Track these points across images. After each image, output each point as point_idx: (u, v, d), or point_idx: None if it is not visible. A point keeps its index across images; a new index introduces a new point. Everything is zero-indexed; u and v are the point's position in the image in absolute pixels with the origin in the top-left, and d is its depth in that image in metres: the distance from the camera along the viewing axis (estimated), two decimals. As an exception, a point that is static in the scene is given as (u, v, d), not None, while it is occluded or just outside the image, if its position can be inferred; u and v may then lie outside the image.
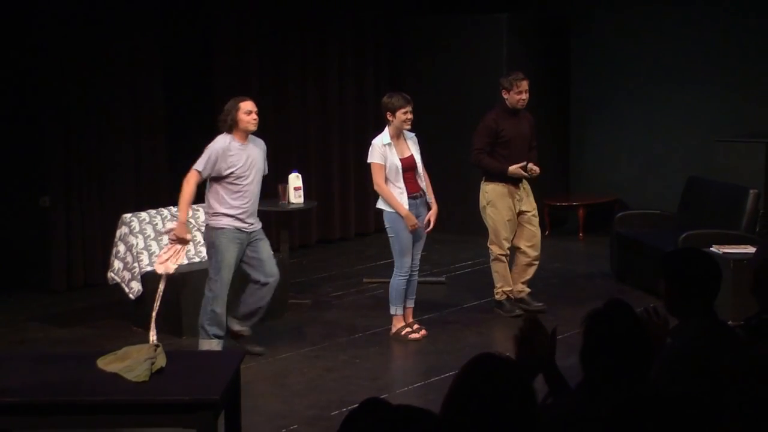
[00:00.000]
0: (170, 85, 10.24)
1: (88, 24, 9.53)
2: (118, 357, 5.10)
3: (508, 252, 8.34)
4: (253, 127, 7.23)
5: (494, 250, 8.33)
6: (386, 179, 7.58)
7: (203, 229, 8.47)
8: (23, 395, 4.75)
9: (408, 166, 7.64)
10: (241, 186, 7.19)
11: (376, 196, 7.82)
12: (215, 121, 10.74)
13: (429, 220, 7.69)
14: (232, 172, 7.16)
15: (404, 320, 7.90)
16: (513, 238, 8.34)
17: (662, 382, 3.55)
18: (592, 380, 3.33)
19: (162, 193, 10.05)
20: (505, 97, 8.25)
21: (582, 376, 3.36)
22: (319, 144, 11.47)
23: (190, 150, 10.66)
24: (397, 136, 7.66)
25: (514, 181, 8.22)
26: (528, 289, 8.46)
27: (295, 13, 11.17)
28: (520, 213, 8.30)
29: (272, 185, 8.96)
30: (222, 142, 7.21)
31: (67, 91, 9.43)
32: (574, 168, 12.53)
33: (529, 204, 8.34)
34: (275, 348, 7.66)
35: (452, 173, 10.95)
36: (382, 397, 3.18)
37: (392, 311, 7.85)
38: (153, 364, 4.98)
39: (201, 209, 8.62)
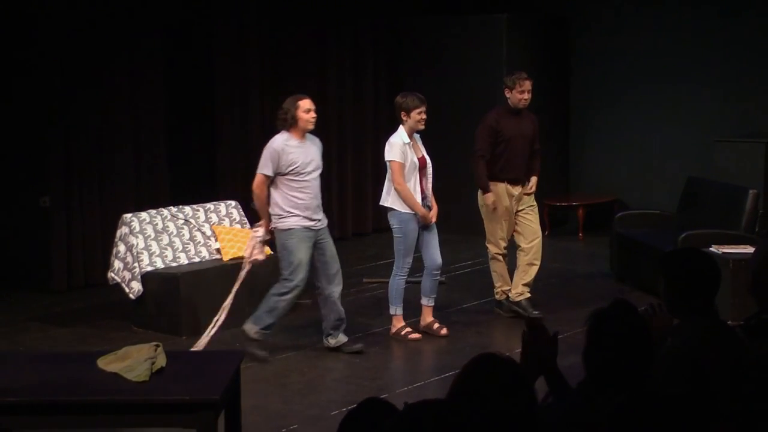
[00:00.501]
0: (170, 85, 10.24)
1: (89, 25, 9.53)
2: (119, 357, 5.11)
3: (506, 251, 8.31)
4: (311, 126, 7.34)
5: (491, 249, 8.32)
6: None
7: (204, 228, 8.50)
8: (24, 395, 4.75)
9: (421, 166, 7.66)
10: (302, 182, 7.26)
11: (374, 196, 7.82)
12: (215, 121, 10.83)
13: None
14: (292, 169, 7.22)
15: (424, 319, 7.91)
16: (512, 237, 8.32)
17: (662, 382, 3.56)
18: (593, 379, 3.33)
19: (162, 193, 10.06)
20: (508, 96, 8.21)
21: (583, 376, 3.37)
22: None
23: (190, 150, 10.73)
24: (410, 136, 7.65)
25: (513, 180, 8.19)
26: (528, 294, 8.32)
27: (294, 15, 11.18)
28: (518, 211, 8.26)
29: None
30: (280, 140, 7.32)
31: (67, 91, 9.44)
32: (574, 168, 12.54)
33: (528, 202, 8.28)
34: (275, 348, 7.66)
35: (452, 173, 10.95)
36: (382, 396, 3.18)
37: (392, 311, 7.86)
38: (153, 364, 4.99)
39: (201, 209, 8.63)
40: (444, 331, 7.87)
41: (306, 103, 7.32)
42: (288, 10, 11.11)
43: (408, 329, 7.84)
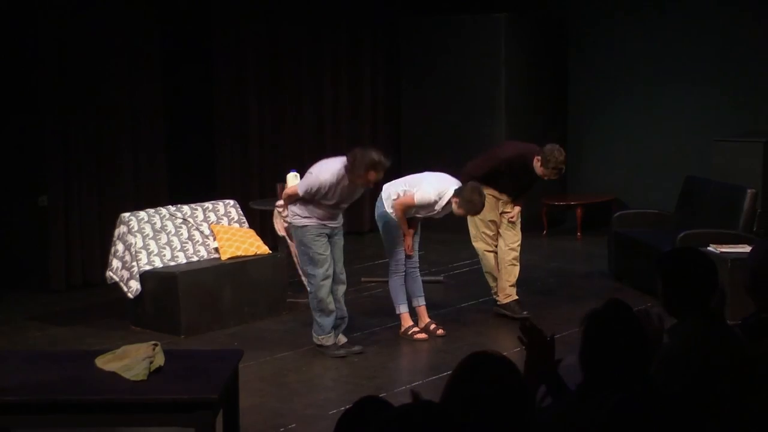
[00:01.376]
0: (169, 84, 10.25)
1: (88, 24, 9.53)
2: (117, 356, 5.11)
3: (494, 248, 8.28)
4: (367, 186, 7.37)
5: (479, 246, 8.28)
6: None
7: (202, 227, 8.50)
8: (22, 394, 4.75)
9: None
10: (328, 203, 7.30)
11: (371, 195, 7.82)
12: (214, 121, 10.83)
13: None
14: (326, 195, 7.25)
15: (421, 320, 7.91)
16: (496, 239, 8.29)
17: (660, 381, 3.56)
18: (591, 380, 3.33)
19: (160, 192, 10.06)
20: (536, 165, 7.96)
21: (582, 377, 3.37)
22: (316, 144, 11.47)
23: (188, 149, 10.73)
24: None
25: (501, 191, 8.22)
26: (515, 296, 8.29)
27: (292, 15, 11.18)
28: (502, 213, 8.24)
29: (271, 185, 8.97)
30: (331, 176, 7.20)
31: (65, 90, 9.44)
32: (572, 167, 12.50)
33: (510, 207, 8.27)
34: (273, 347, 7.67)
35: (451, 173, 10.94)
36: (380, 396, 3.19)
37: (397, 310, 7.85)
38: (151, 363, 4.99)
39: (199, 208, 8.64)
40: (440, 331, 7.87)
41: (372, 176, 7.14)
42: (286, 10, 11.11)
43: (415, 329, 7.84)
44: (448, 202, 7.56)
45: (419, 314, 7.91)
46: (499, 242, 8.29)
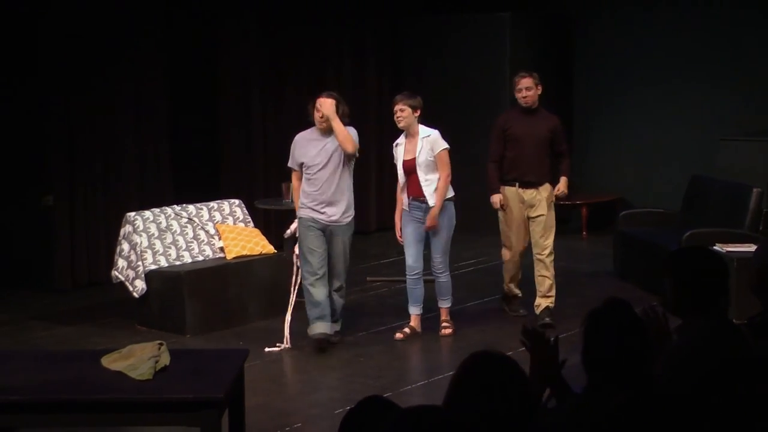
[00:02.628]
0: (174, 84, 10.25)
1: (92, 24, 9.54)
2: (123, 355, 5.11)
3: (517, 258, 8.17)
4: (319, 125, 7.52)
5: (503, 254, 8.28)
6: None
7: (207, 226, 8.50)
8: (28, 393, 4.76)
9: (409, 169, 7.60)
10: (311, 176, 7.50)
11: (377, 194, 7.81)
12: (218, 120, 10.84)
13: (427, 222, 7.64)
14: (302, 163, 7.54)
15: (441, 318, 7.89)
16: (527, 244, 8.18)
17: (667, 381, 3.55)
18: (594, 380, 3.33)
19: (166, 191, 10.06)
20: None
21: (587, 378, 3.36)
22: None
23: (193, 149, 10.74)
24: (409, 135, 7.63)
25: (523, 182, 8.04)
26: (547, 304, 8.15)
27: (297, 15, 11.18)
28: (530, 219, 8.13)
29: (276, 184, 8.97)
30: (300, 134, 7.67)
31: (71, 89, 9.45)
32: (577, 166, 12.51)
33: (539, 210, 8.11)
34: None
35: (455, 172, 10.93)
36: (385, 395, 3.18)
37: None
38: (157, 362, 5.00)
39: (204, 208, 8.64)
40: (445, 331, 7.84)
41: (317, 103, 7.52)
42: (290, 9, 11.11)
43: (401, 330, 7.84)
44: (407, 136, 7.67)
45: (440, 312, 7.93)
46: (533, 250, 8.18)
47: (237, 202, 8.92)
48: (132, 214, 8.31)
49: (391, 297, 9.01)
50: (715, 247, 7.83)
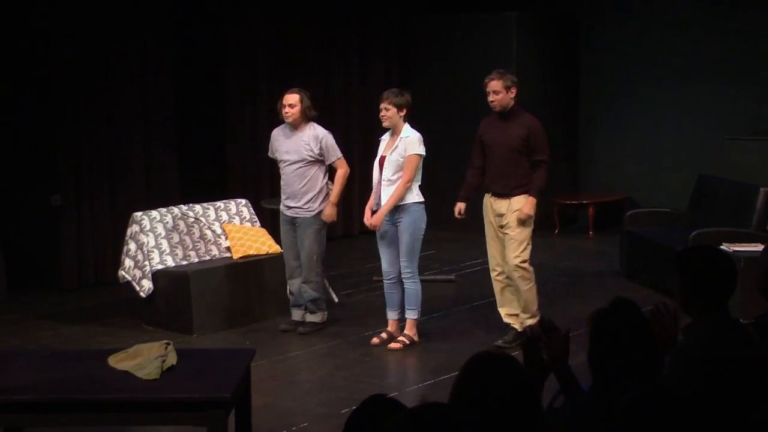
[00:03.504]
0: (180, 83, 10.27)
1: (99, 23, 9.56)
2: (129, 355, 5.12)
3: (498, 269, 7.55)
4: (287, 120, 7.83)
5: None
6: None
7: (214, 226, 8.51)
8: (34, 393, 4.76)
9: (379, 165, 7.52)
10: (281, 168, 7.93)
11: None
12: (225, 120, 10.84)
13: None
14: (274, 157, 8.00)
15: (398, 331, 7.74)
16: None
17: (675, 381, 3.54)
18: (600, 380, 3.33)
19: (173, 191, 10.07)
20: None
21: (592, 378, 3.36)
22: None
23: (200, 149, 10.75)
24: (393, 134, 7.54)
25: (496, 194, 7.41)
26: (526, 321, 7.45)
27: (303, 13, 11.19)
28: (501, 227, 7.45)
29: (279, 183, 8.96)
30: (276, 128, 8.05)
31: (78, 90, 9.46)
32: (584, 166, 12.52)
33: (509, 223, 7.35)
34: (285, 346, 7.68)
35: (460, 171, 10.94)
36: (391, 395, 3.19)
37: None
38: (164, 362, 5.00)
39: (211, 208, 8.65)
40: (392, 345, 7.60)
41: (284, 99, 7.89)
42: (297, 8, 11.12)
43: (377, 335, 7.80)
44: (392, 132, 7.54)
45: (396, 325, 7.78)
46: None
47: (243, 201, 8.93)
48: (139, 213, 8.32)
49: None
50: (722, 247, 7.83)
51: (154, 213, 8.36)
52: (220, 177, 10.75)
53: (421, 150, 7.43)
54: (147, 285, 8.09)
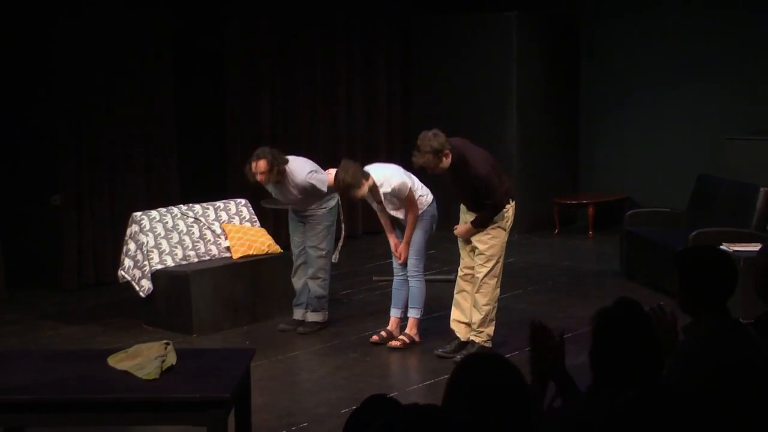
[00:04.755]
0: (181, 84, 10.27)
1: (100, 25, 9.56)
2: (129, 355, 5.12)
3: (464, 273, 7.34)
4: (264, 185, 7.86)
5: None
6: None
7: (213, 226, 8.51)
8: (34, 393, 4.77)
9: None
10: None
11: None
12: (225, 119, 10.84)
13: None
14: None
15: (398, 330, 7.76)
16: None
17: (675, 380, 3.54)
18: (601, 380, 3.32)
19: (172, 191, 10.07)
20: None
21: (592, 377, 3.36)
22: (328, 143, 11.47)
23: (200, 148, 10.75)
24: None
25: (467, 204, 7.21)
26: (472, 338, 7.27)
27: (305, 14, 11.18)
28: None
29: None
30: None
31: (78, 90, 9.47)
32: (584, 166, 12.52)
33: (476, 236, 7.15)
34: (285, 346, 7.68)
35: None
36: (391, 395, 3.19)
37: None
38: (163, 362, 5.00)
39: (211, 207, 8.65)
40: (392, 343, 7.62)
41: (253, 167, 7.70)
42: (298, 9, 11.12)
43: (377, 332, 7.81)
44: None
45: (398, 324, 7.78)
46: None
47: (243, 201, 8.93)
48: (138, 213, 8.32)
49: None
50: (721, 247, 7.82)
51: (153, 213, 8.36)
52: (220, 177, 10.75)
53: (406, 186, 7.34)
54: (147, 285, 8.09)
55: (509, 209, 7.12)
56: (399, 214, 7.53)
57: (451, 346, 7.32)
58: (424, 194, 7.53)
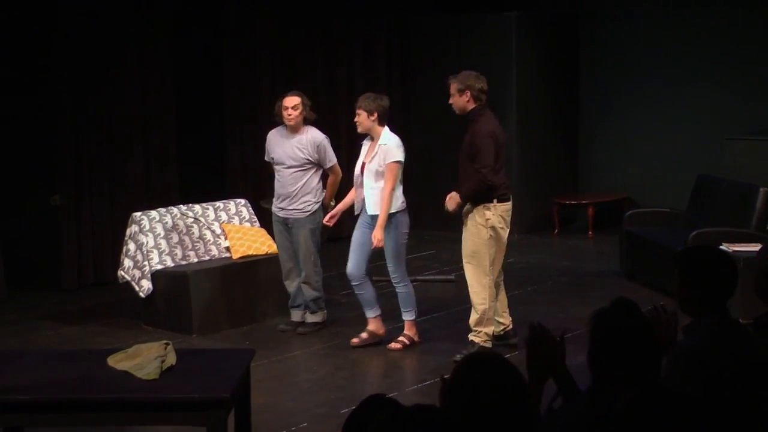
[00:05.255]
0: (180, 83, 10.27)
1: (99, 24, 9.56)
2: (129, 355, 5.12)
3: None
4: (288, 122, 7.77)
5: None
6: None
7: (213, 226, 8.52)
8: (34, 393, 4.77)
9: (361, 171, 7.47)
10: (276, 171, 7.91)
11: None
12: (225, 119, 10.84)
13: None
14: (271, 159, 7.94)
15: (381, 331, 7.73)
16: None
17: (675, 381, 3.54)
18: (600, 380, 3.32)
19: (172, 191, 10.07)
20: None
21: (591, 378, 3.35)
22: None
23: (199, 148, 10.75)
24: (372, 139, 7.49)
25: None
26: (473, 338, 7.40)
27: (304, 14, 11.18)
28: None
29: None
30: (272, 130, 8.01)
31: (77, 89, 9.47)
32: (584, 166, 12.52)
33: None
34: (285, 346, 7.68)
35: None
36: (390, 395, 3.19)
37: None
38: (163, 362, 5.00)
39: (211, 208, 8.65)
40: (392, 345, 7.59)
41: (285, 101, 7.81)
42: (297, 8, 11.11)
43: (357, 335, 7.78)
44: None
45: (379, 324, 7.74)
46: None
47: (243, 201, 8.93)
48: (138, 213, 8.32)
49: (396, 297, 9.01)
50: (721, 247, 7.83)
51: (153, 213, 8.36)
52: (220, 177, 10.75)
53: (400, 157, 7.35)
54: (146, 285, 8.09)
55: (493, 211, 7.13)
56: (372, 183, 7.35)
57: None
58: (401, 197, 7.44)
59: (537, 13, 12.09)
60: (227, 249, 8.46)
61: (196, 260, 8.28)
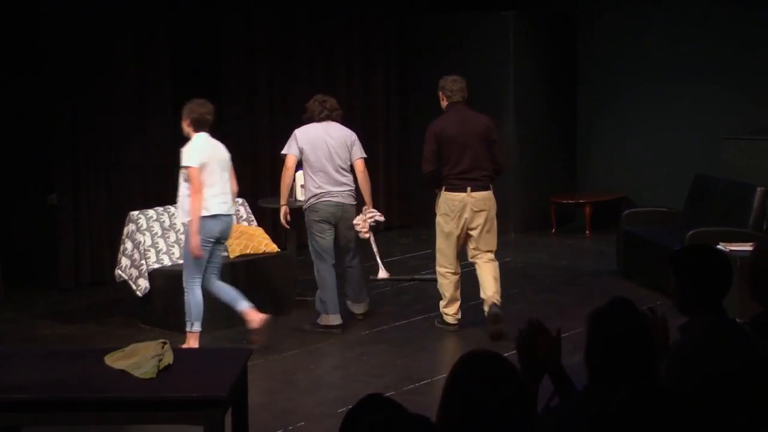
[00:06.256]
0: (178, 83, 10.26)
1: (95, 22, 9.55)
2: (126, 354, 5.11)
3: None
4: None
5: None
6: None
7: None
8: (31, 392, 4.76)
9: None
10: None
11: (383, 191, 7.78)
12: (222, 119, 10.82)
13: None
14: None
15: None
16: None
17: (670, 380, 3.55)
18: (596, 379, 3.33)
19: (169, 190, 10.03)
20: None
21: (588, 377, 3.36)
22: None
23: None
24: None
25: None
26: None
27: (302, 12, 11.18)
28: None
29: (278, 182, 8.96)
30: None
31: (74, 88, 9.46)
32: (581, 165, 12.53)
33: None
34: (282, 345, 7.68)
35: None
36: (388, 394, 3.19)
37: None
38: (160, 361, 5.00)
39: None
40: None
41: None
42: (296, 8, 11.11)
43: None
44: None
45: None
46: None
47: (240, 201, 8.92)
48: (135, 212, 8.32)
49: (394, 296, 9.02)
50: (718, 246, 7.83)
51: (150, 212, 8.37)
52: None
53: (189, 162, 7.17)
54: (143, 284, 8.09)
55: (442, 199, 7.73)
56: (182, 198, 7.26)
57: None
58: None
59: (535, 12, 12.10)
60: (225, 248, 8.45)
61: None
